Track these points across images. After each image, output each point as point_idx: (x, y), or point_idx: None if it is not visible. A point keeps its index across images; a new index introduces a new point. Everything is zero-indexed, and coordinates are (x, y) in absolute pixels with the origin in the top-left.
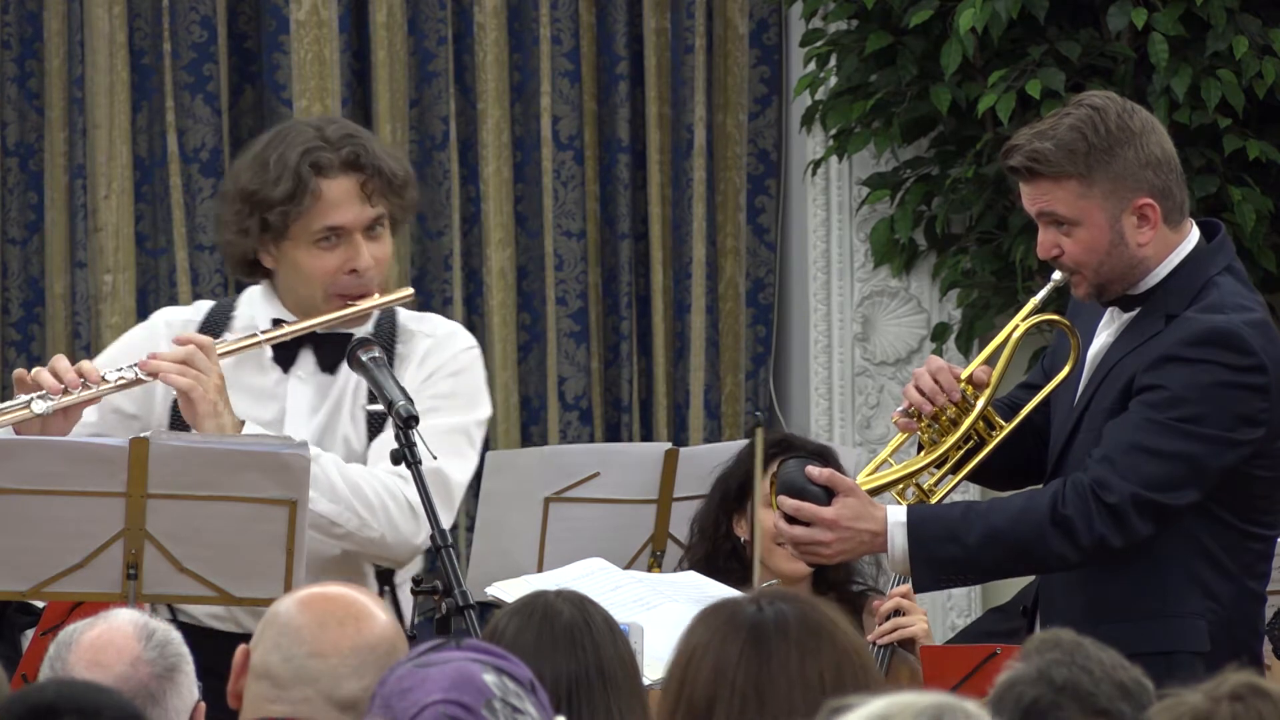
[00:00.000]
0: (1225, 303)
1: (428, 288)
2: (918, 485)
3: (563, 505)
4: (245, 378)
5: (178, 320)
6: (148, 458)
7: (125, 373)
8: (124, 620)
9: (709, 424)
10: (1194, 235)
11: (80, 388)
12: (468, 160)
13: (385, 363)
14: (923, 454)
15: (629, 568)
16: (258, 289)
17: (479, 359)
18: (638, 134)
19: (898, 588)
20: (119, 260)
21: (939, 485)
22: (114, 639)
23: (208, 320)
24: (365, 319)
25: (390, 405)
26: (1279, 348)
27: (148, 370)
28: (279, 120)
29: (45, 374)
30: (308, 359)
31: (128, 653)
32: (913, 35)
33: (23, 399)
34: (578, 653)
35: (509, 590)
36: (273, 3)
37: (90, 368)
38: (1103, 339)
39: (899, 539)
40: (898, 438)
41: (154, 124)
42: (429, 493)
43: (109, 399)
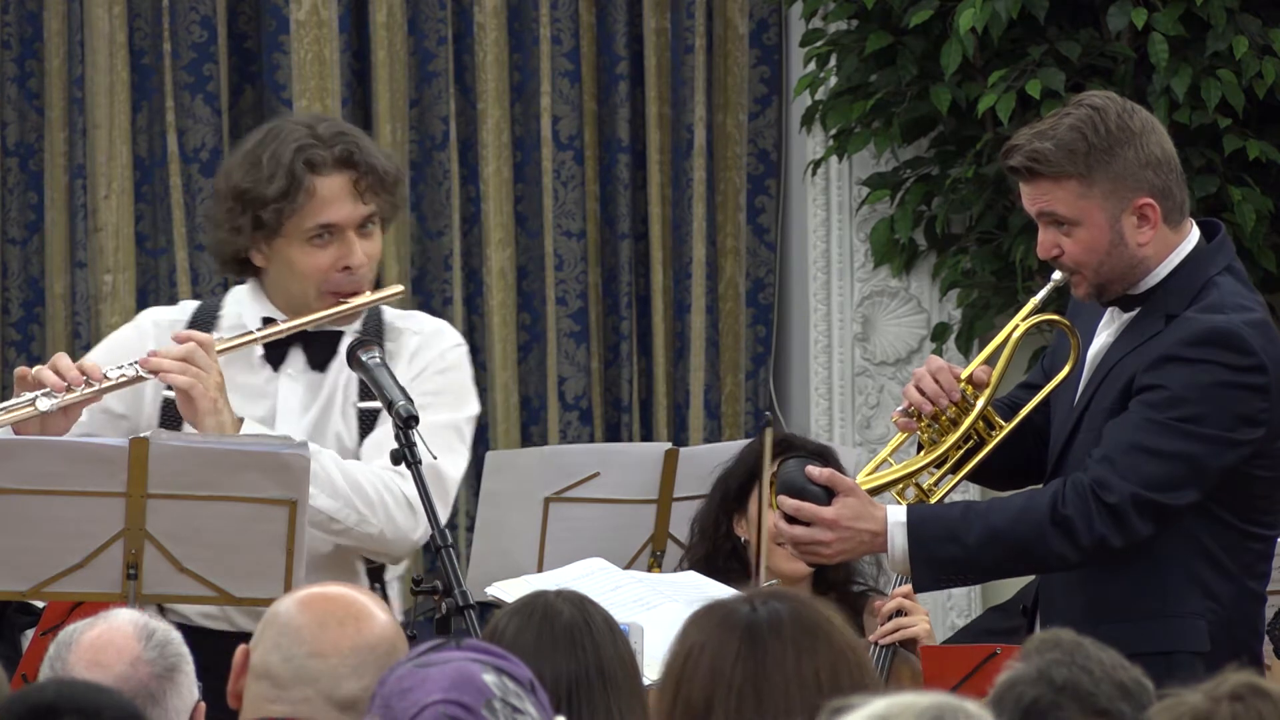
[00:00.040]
0: (1225, 303)
1: (428, 288)
2: (917, 485)
3: (563, 505)
4: (236, 376)
5: (165, 320)
6: (148, 458)
7: (126, 370)
8: (124, 620)
9: (709, 424)
10: (1194, 235)
11: (83, 385)
12: (468, 160)
13: (385, 362)
14: (923, 454)
15: (629, 568)
16: (244, 288)
17: (467, 356)
18: (638, 134)
19: (899, 588)
20: (119, 260)
21: (939, 485)
22: (114, 639)
23: (194, 320)
24: (355, 317)
25: (390, 405)
26: (1279, 348)
27: (149, 368)
28: None
29: (47, 372)
30: (298, 357)
31: (128, 653)
32: (913, 35)
33: (27, 397)
34: (578, 653)
35: (509, 590)
36: (273, 3)
37: (92, 365)
38: (1103, 339)
39: (899, 539)
40: (898, 438)
41: (154, 124)
42: (429, 493)
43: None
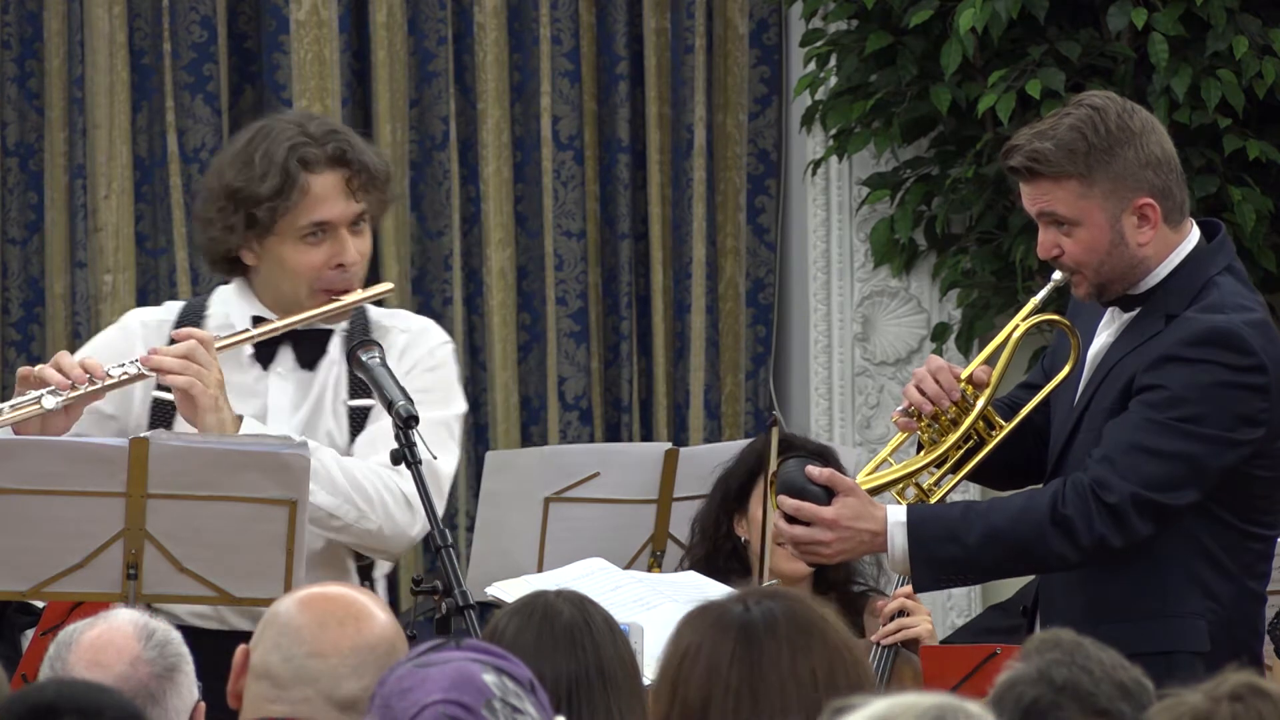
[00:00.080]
0: (1225, 303)
1: (428, 288)
2: (917, 485)
3: (563, 505)
4: (226, 375)
5: (153, 321)
6: (148, 457)
7: (128, 368)
8: (124, 620)
9: (709, 424)
10: (1194, 235)
11: (86, 383)
12: (468, 160)
13: (385, 362)
14: (923, 454)
15: (629, 568)
16: (230, 288)
17: (453, 354)
18: (638, 134)
19: (902, 588)
20: (119, 260)
21: (939, 485)
22: (114, 639)
23: (181, 320)
24: (345, 315)
25: (390, 405)
26: (1279, 348)
27: (150, 366)
28: None
29: (50, 370)
30: (286, 355)
31: (128, 653)
32: (913, 35)
33: (33, 395)
34: (578, 653)
35: (509, 590)
36: (273, 3)
37: (94, 363)
38: (1103, 339)
39: (899, 539)
40: (898, 438)
41: (154, 124)
42: (429, 493)
43: None
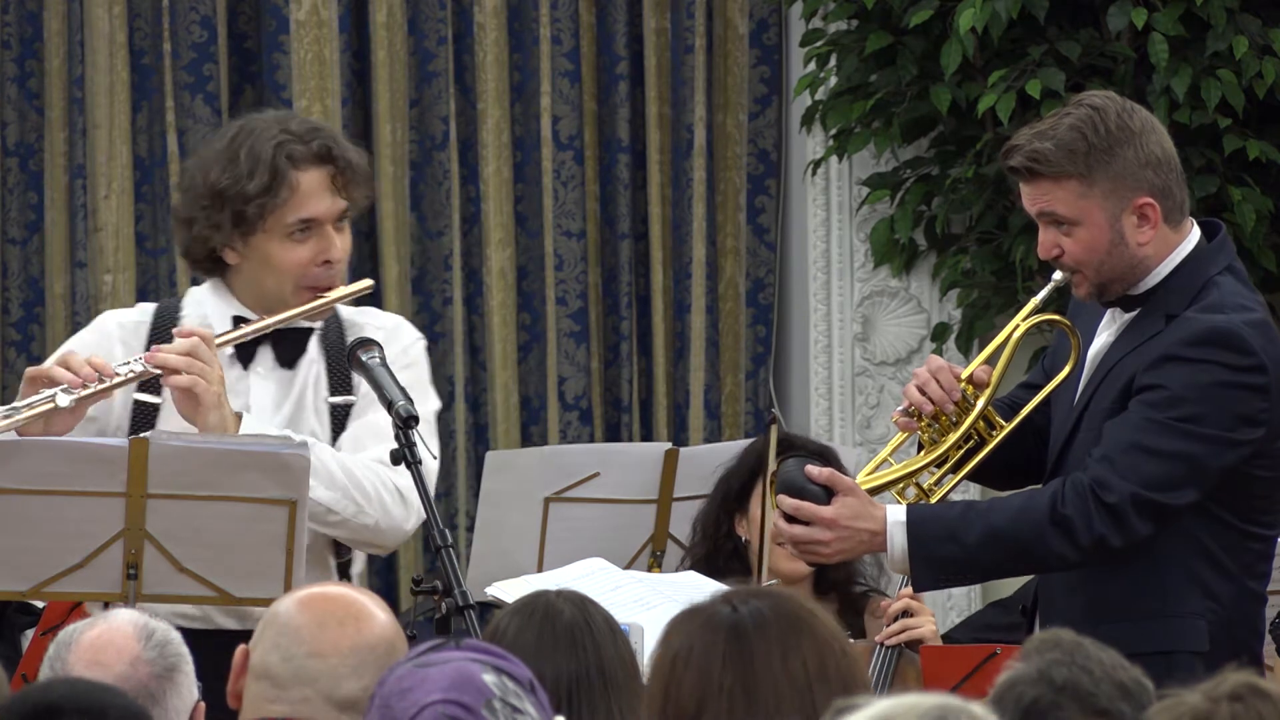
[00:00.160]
0: (1225, 303)
1: (428, 288)
2: (917, 485)
3: (563, 505)
4: None
5: (129, 322)
6: (148, 457)
7: (134, 366)
8: (124, 620)
9: (709, 424)
10: (1194, 235)
11: (96, 382)
12: (468, 160)
13: (385, 362)
14: (923, 453)
15: (629, 568)
16: (204, 288)
17: (425, 351)
18: (638, 134)
19: (906, 589)
20: (119, 260)
21: (939, 485)
22: (114, 639)
23: (156, 321)
24: (325, 312)
25: (390, 405)
26: (1279, 348)
27: (155, 363)
28: None
29: (60, 370)
30: (266, 355)
31: (127, 653)
32: (913, 35)
33: (46, 394)
34: (578, 653)
35: (509, 590)
36: (273, 3)
37: (102, 362)
38: (1103, 339)
39: (898, 538)
40: (898, 437)
41: (154, 124)
42: (429, 492)
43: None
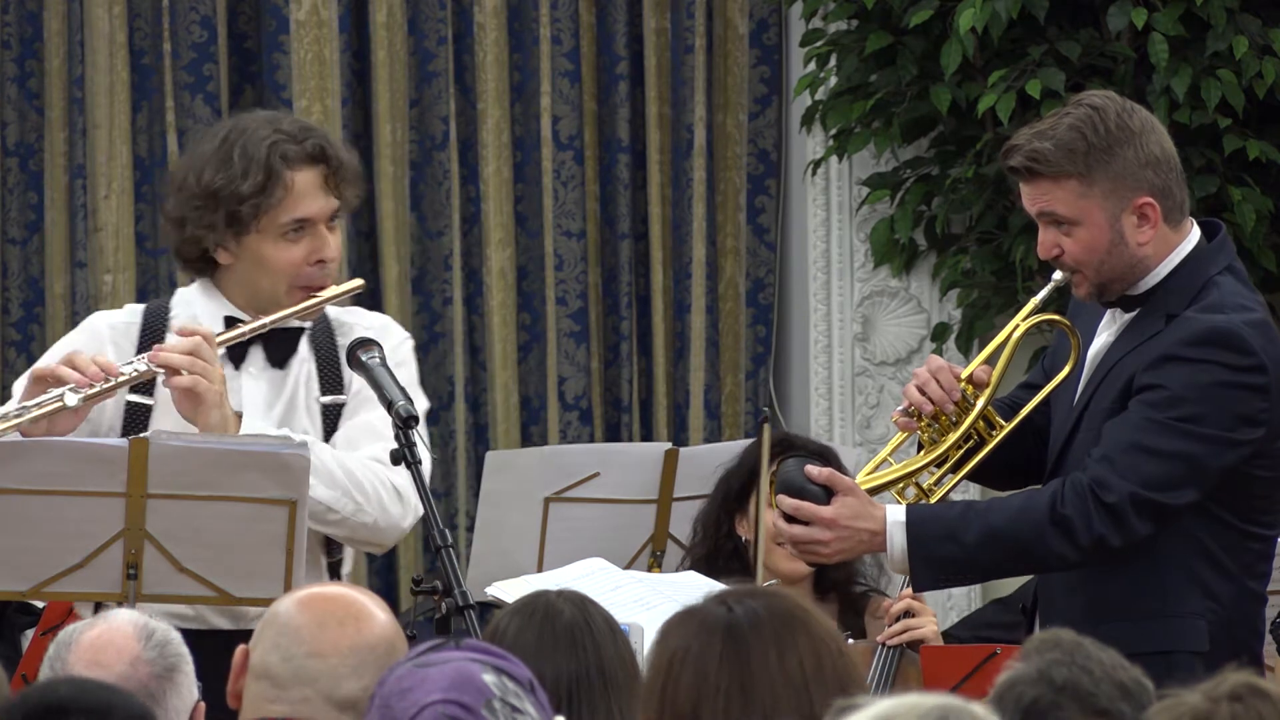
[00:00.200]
0: (1225, 302)
1: (428, 288)
2: (917, 484)
3: (563, 505)
4: None
5: (120, 323)
6: (148, 458)
7: (138, 365)
8: (124, 620)
9: (709, 424)
10: (1194, 235)
11: (102, 381)
12: (468, 160)
13: (384, 362)
14: (923, 453)
15: (629, 568)
16: (193, 289)
17: (413, 350)
18: (638, 134)
19: (907, 589)
20: (119, 260)
21: (939, 485)
22: (114, 639)
23: (146, 322)
24: (316, 312)
25: (390, 405)
26: (1279, 348)
27: (158, 362)
28: None
29: (66, 369)
30: (257, 355)
31: (127, 653)
32: (913, 35)
33: (55, 393)
34: (578, 653)
35: (509, 590)
36: (273, 3)
37: (107, 361)
38: (1103, 339)
39: (898, 538)
40: (898, 437)
41: (154, 124)
42: (429, 492)
43: None
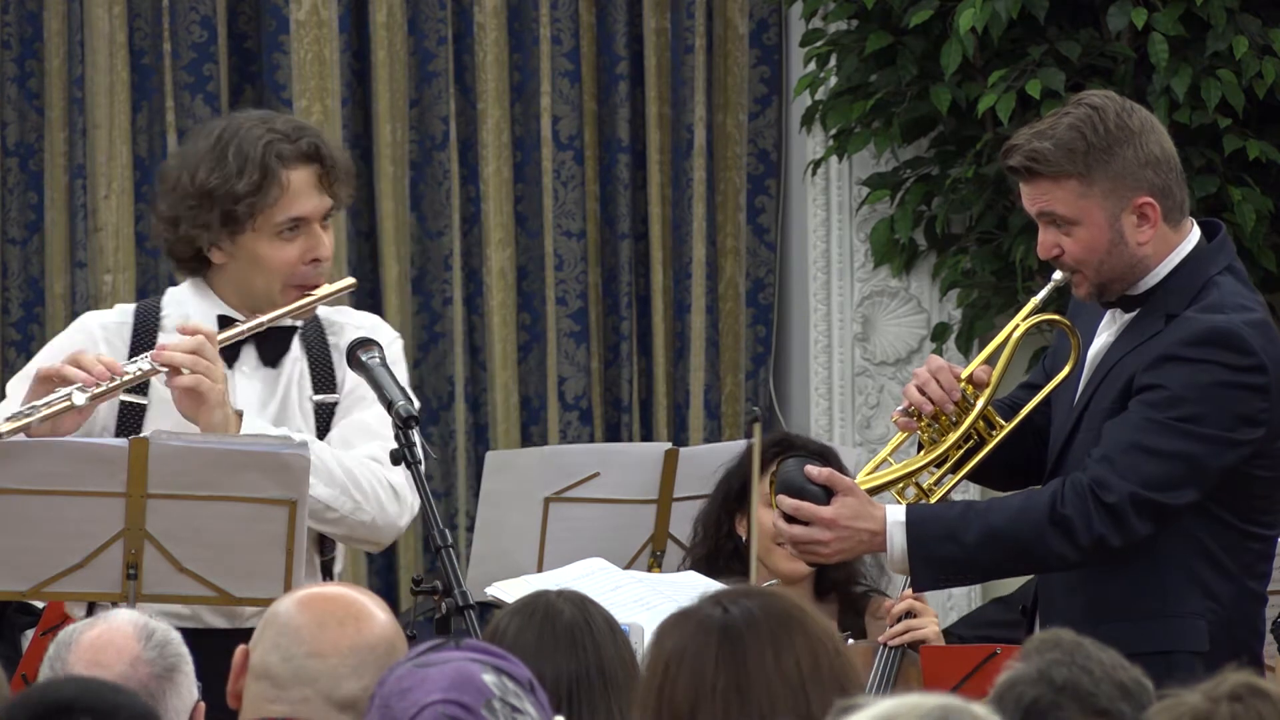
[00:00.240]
0: (1225, 302)
1: (428, 288)
2: (917, 484)
3: (563, 505)
4: None
5: (112, 323)
6: (148, 457)
7: (141, 364)
8: (124, 620)
9: (709, 424)
10: (1194, 235)
11: (108, 380)
12: (468, 160)
13: (384, 362)
14: (923, 453)
15: (629, 568)
16: (184, 288)
17: (403, 350)
18: (638, 134)
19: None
20: (119, 260)
21: (939, 485)
22: (114, 639)
23: (138, 322)
24: (310, 311)
25: (390, 405)
26: (1279, 348)
27: (162, 361)
28: None
29: (72, 369)
30: (250, 354)
31: (127, 653)
32: (913, 35)
33: (63, 392)
34: (579, 653)
35: (509, 590)
36: (273, 3)
37: (111, 360)
38: (1103, 339)
39: (898, 538)
40: (898, 437)
41: (154, 124)
42: (428, 491)
43: None
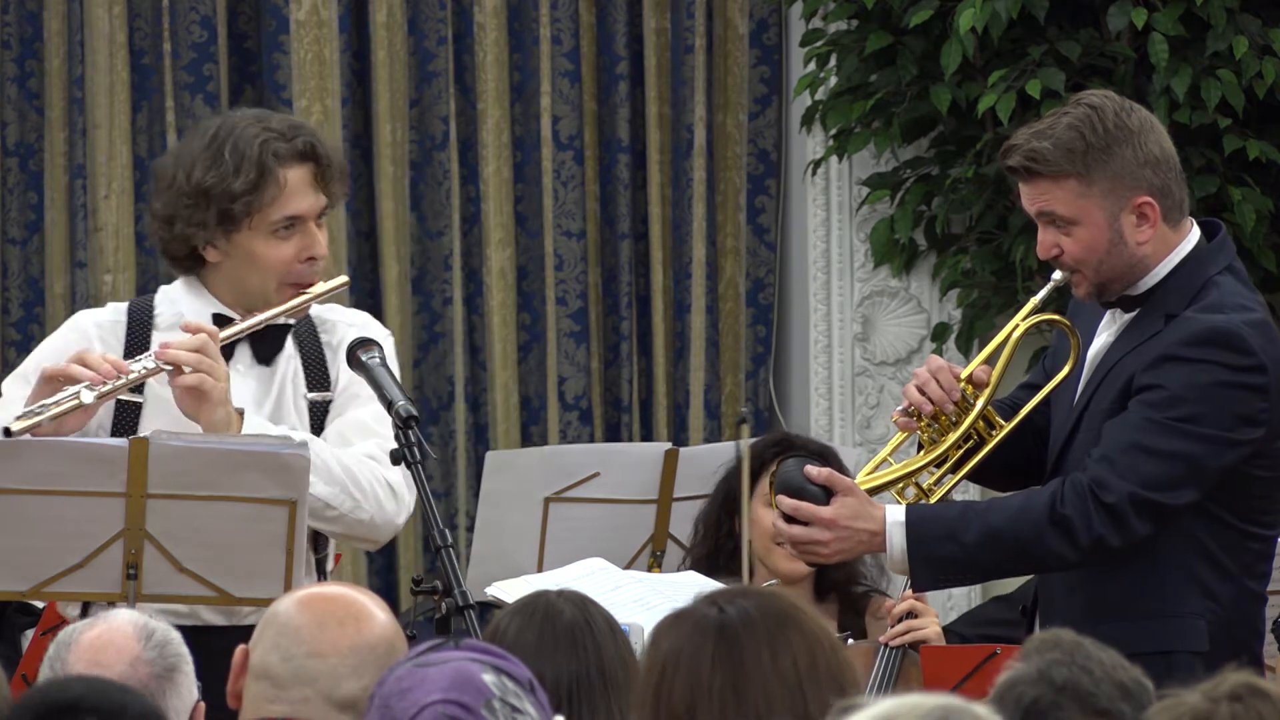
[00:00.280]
0: (1225, 302)
1: (428, 288)
2: (917, 484)
3: (563, 505)
4: None
5: (106, 322)
6: (148, 457)
7: (145, 362)
8: (124, 620)
9: (709, 424)
10: (1194, 235)
11: (114, 378)
12: (468, 160)
13: (384, 362)
14: (922, 453)
15: (629, 568)
16: (177, 286)
17: (394, 348)
18: (638, 134)
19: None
20: (119, 260)
21: (939, 485)
22: (114, 639)
23: (132, 320)
24: (305, 309)
25: (390, 405)
26: (1279, 348)
27: (165, 360)
28: None
29: (77, 368)
30: (244, 352)
31: (127, 653)
32: (913, 35)
33: (70, 391)
34: (579, 653)
35: (509, 590)
36: (273, 3)
37: (116, 359)
38: (1103, 339)
39: (897, 538)
40: (898, 437)
41: (154, 124)
42: (428, 491)
43: None
